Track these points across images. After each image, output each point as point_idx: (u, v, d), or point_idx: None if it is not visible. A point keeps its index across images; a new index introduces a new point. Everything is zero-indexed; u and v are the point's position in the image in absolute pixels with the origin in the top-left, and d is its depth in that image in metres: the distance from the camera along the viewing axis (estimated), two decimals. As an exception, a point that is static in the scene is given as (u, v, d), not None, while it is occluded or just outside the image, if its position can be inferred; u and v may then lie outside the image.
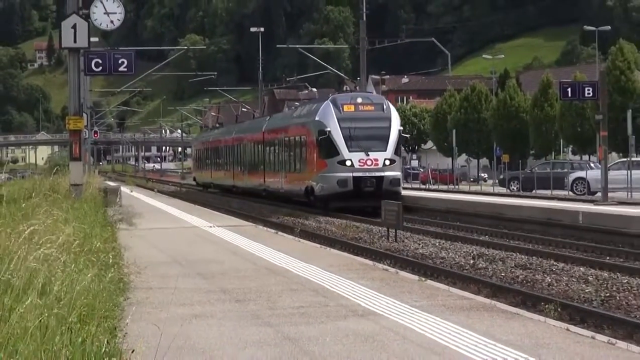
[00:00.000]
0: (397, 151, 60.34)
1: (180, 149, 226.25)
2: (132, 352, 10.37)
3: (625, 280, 28.66)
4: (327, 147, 56.45)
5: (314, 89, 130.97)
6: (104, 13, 32.32)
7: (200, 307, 17.28)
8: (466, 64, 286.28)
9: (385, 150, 53.33)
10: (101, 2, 32.19)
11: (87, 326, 10.73)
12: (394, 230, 44.05)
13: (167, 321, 14.92)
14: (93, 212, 29.48)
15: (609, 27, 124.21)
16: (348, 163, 50.59)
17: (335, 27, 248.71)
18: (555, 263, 33.80)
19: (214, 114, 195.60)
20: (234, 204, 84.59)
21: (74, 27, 31.90)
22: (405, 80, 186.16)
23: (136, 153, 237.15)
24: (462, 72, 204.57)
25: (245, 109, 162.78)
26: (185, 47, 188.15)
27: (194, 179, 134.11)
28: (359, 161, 50.35)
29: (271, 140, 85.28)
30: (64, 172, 42.97)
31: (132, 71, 37.75)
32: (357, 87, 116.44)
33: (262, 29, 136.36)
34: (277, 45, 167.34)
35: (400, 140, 57.72)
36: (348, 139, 54.58)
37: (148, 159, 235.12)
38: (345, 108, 57.68)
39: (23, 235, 12.88)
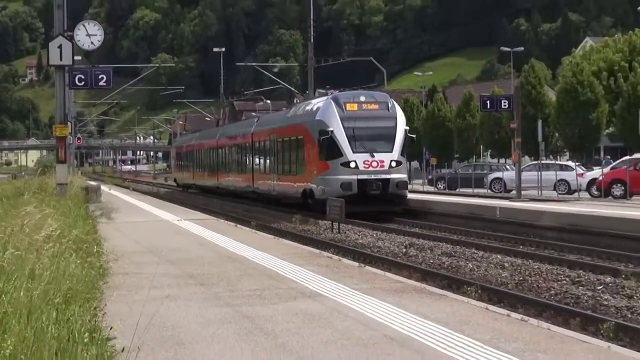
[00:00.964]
0: (403, 152, 51.77)
1: (152, 152, 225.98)
2: (110, 329, 10.32)
3: (537, 266, 29.33)
4: (329, 148, 47.68)
5: (269, 101, 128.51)
6: (86, 35, 32.87)
7: (170, 290, 17.26)
8: (400, 80, 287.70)
9: (392, 152, 44.93)
10: (83, 25, 32.82)
11: (72, 306, 10.96)
12: (337, 224, 43.91)
13: (140, 302, 15.05)
14: (76, 208, 29.55)
15: (522, 48, 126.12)
16: (352, 165, 42.65)
17: (287, 48, 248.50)
18: (476, 251, 34.43)
19: (181, 122, 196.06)
20: (200, 201, 77.36)
21: (60, 47, 32.33)
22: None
23: (114, 156, 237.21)
24: (396, 87, 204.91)
25: (208, 118, 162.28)
26: (157, 65, 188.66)
27: (175, 180, 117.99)
28: (364, 163, 42.40)
29: (261, 142, 71.70)
30: (51, 173, 43.67)
31: (110, 85, 37.91)
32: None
33: (223, 49, 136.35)
34: (237, 63, 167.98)
35: (407, 140, 49.01)
36: (352, 139, 46.01)
37: (124, 162, 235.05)
38: (348, 107, 49.30)
39: (14, 228, 12.84)
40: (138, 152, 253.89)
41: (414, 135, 47.05)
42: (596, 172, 63.99)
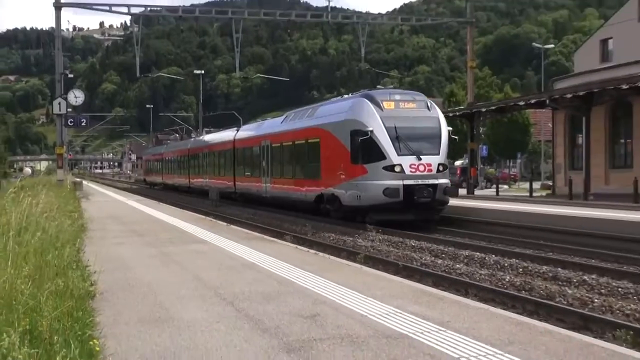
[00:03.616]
0: (447, 155, 34.26)
1: (112, 163, 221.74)
2: (88, 260, 10.80)
3: (322, 225, 26.44)
4: (368, 150, 29.10)
5: (177, 135, 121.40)
6: (74, 97, 35.76)
7: (121, 239, 17.60)
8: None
9: (438, 154, 29.34)
10: (72, 92, 35.23)
11: (66, 247, 11.07)
12: (215, 202, 39.24)
13: (104, 245, 15.77)
14: (68, 193, 29.63)
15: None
16: (397, 169, 26.51)
17: (188, 105, 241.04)
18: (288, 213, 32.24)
19: (128, 146, 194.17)
20: (146, 192, 62.65)
21: (59, 103, 35.04)
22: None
23: (90, 165, 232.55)
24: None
25: (144, 144, 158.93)
26: (114, 115, 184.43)
27: (144, 180, 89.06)
28: (410, 166, 26.69)
29: (246, 148, 43.14)
30: (54, 174, 43.74)
31: (87, 126, 38.68)
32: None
33: (152, 106, 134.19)
34: (159, 113, 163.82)
35: (449, 142, 32.09)
36: (395, 140, 28.93)
37: (96, 168, 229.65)
38: (386, 105, 31.67)
39: (33, 203, 13.06)
40: (103, 163, 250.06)
41: (456, 137, 31.06)
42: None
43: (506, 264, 15.91)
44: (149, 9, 34.45)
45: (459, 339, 6.94)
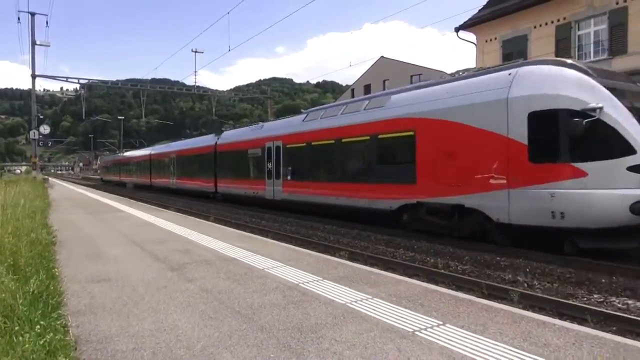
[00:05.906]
0: None
1: (71, 167, 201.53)
2: (51, 223, 10.28)
3: (222, 207, 22.07)
4: (587, 139, 6.88)
5: (108, 152, 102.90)
6: (43, 129, 31.51)
7: (72, 210, 16.09)
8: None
9: None
10: (42, 126, 31.43)
11: (36, 216, 10.35)
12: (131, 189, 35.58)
13: (61, 214, 14.43)
14: (39, 184, 26.68)
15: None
16: None
17: (114, 136, 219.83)
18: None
19: (77, 158, 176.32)
20: (90, 184, 55.00)
21: (34, 132, 30.75)
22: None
23: (55, 168, 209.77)
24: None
25: (87, 157, 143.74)
26: (69, 140, 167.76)
27: (101, 179, 61.62)
28: None
29: (229, 152, 22.02)
30: (30, 174, 39.62)
31: (52, 146, 35.47)
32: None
33: (92, 136, 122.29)
34: (97, 140, 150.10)
35: None
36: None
37: (59, 170, 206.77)
38: (601, 75, 7.56)
39: (14, 190, 12.05)
40: (62, 167, 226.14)
41: None
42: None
43: (287, 221, 15.08)
44: (90, 81, 36.02)
45: (263, 259, 7.16)
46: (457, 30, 20.88)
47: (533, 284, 7.23)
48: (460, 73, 11.28)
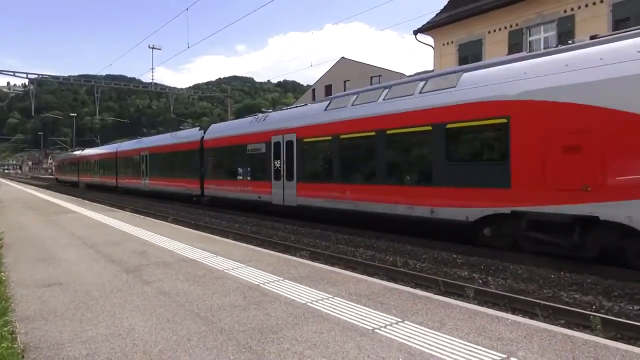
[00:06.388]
0: None
1: (19, 166, 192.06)
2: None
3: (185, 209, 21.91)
4: None
5: (59, 150, 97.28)
6: None
7: (22, 212, 15.50)
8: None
9: None
10: None
11: None
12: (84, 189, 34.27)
13: (9, 218, 13.86)
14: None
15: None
16: None
17: (66, 134, 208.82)
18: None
19: (26, 157, 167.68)
20: (39, 183, 54.25)
21: None
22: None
23: (3, 168, 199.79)
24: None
25: (37, 155, 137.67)
26: (17, 137, 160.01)
27: (56, 179, 55.11)
28: None
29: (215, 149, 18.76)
30: None
31: None
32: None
33: (42, 133, 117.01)
34: (48, 138, 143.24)
35: None
36: None
37: (5, 170, 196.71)
38: None
39: None
40: (9, 167, 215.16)
41: None
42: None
43: (248, 222, 14.87)
44: (41, 76, 34.00)
45: (223, 260, 7.09)
46: (415, 33, 21.26)
47: (488, 280, 7.32)
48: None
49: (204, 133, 20.10)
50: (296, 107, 15.98)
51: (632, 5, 14.89)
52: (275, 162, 14.62)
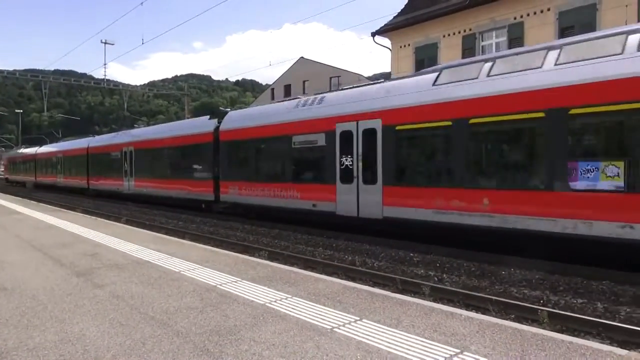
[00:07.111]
0: None
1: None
2: None
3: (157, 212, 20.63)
4: None
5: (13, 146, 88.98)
6: None
7: None
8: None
9: None
10: None
11: None
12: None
13: None
14: None
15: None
16: None
17: (11, 131, 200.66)
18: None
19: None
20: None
21: None
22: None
23: None
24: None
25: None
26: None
27: (7, 179, 49.45)
28: None
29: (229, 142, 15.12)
30: None
31: None
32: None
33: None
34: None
35: None
36: None
37: None
38: None
39: None
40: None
41: None
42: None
43: (205, 222, 14.66)
44: None
45: (179, 261, 6.97)
46: (373, 35, 21.57)
47: (443, 277, 7.53)
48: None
49: (219, 122, 16.01)
50: (370, 84, 11.69)
51: (576, 14, 15.62)
52: (343, 159, 11.02)
